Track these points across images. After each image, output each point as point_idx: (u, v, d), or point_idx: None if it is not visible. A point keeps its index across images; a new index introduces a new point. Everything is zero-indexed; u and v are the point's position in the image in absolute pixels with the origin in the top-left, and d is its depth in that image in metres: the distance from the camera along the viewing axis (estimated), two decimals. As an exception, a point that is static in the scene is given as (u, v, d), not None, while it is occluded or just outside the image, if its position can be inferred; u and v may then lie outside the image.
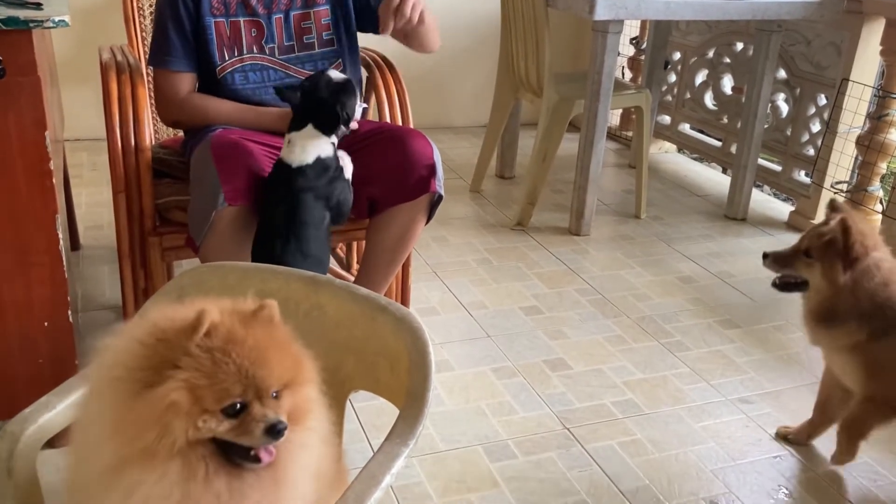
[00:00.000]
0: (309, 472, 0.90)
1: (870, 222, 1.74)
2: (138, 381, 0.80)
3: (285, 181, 1.64)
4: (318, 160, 1.65)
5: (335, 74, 1.69)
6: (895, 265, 1.66)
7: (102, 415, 0.82)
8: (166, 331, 0.82)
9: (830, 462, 1.81)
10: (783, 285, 1.76)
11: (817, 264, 1.67)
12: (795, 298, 1.78)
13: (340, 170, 1.71)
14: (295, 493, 0.88)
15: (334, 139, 1.69)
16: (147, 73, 2.13)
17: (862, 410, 1.72)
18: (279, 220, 1.63)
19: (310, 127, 1.65)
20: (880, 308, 1.63)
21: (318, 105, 1.64)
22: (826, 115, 3.12)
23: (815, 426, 1.88)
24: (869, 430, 1.74)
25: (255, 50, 1.86)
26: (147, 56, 2.10)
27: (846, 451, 1.77)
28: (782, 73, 3.31)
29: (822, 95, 3.17)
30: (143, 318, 0.88)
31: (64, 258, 1.56)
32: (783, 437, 1.91)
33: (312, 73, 1.87)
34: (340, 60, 1.93)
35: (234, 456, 0.83)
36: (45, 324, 1.58)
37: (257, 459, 0.84)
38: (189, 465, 0.80)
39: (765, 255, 1.75)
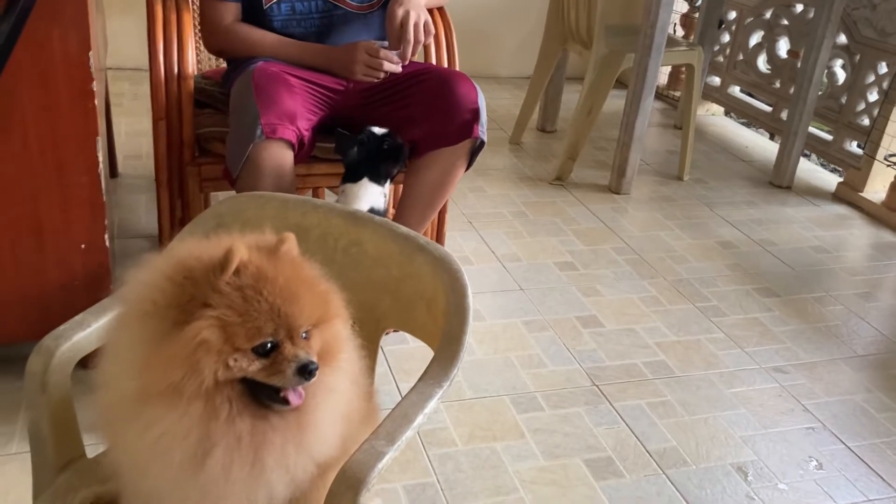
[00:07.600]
0: (336, 416, 0.89)
1: None
2: (167, 319, 0.78)
3: None
4: (372, 211, 1.68)
5: (378, 131, 1.72)
6: None
7: (130, 348, 0.81)
8: (193, 269, 0.80)
9: None
10: None
11: None
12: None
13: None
14: (320, 437, 0.87)
15: (386, 188, 1.73)
16: (194, 1, 2.09)
17: None
18: None
19: (365, 179, 1.70)
20: None
21: (376, 156, 1.69)
22: (885, 84, 3.00)
23: None
24: None
25: None
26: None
27: None
28: (842, 39, 3.18)
29: (884, 63, 3.05)
30: (170, 251, 0.86)
31: (103, 181, 1.55)
32: None
33: (359, 7, 1.83)
34: None
35: (263, 397, 0.82)
36: (82, 246, 1.58)
37: (286, 401, 0.82)
38: (212, 406, 0.78)
39: None
